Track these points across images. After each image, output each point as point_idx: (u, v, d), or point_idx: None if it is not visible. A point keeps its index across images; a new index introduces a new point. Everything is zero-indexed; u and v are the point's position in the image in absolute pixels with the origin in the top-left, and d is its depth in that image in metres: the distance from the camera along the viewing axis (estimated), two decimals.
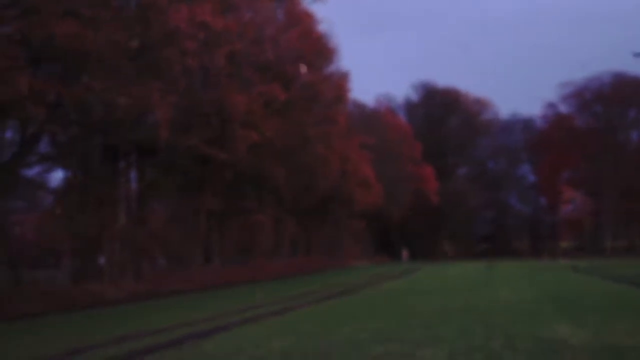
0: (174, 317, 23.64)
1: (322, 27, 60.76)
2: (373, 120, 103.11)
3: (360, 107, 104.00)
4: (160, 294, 37.64)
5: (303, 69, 52.90)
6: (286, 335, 17.15)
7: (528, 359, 13.03)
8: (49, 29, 27.43)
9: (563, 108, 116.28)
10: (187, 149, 42.65)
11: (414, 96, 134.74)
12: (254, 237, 62.12)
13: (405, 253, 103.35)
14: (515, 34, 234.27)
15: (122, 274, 41.12)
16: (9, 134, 36.62)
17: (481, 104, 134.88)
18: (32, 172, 40.91)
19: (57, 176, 59.36)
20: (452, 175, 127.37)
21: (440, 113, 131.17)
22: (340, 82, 65.42)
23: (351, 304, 28.27)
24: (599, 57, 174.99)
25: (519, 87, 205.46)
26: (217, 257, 54.45)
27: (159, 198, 53.37)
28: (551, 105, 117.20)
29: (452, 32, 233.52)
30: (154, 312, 27.58)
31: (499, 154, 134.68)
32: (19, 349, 17.16)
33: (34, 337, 20.33)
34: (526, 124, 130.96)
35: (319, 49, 59.70)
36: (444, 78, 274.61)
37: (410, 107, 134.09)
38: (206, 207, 50.25)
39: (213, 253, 54.44)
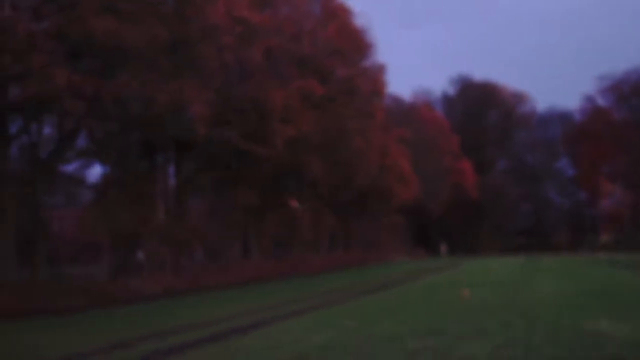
0: (213, 312, 23.70)
1: (358, 22, 60.60)
2: (410, 114, 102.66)
3: (397, 101, 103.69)
4: (199, 289, 37.70)
5: None
6: (326, 330, 17.08)
7: (569, 353, 12.91)
8: (87, 25, 27.56)
9: (601, 101, 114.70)
10: (224, 144, 42.62)
11: (451, 90, 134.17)
12: (292, 231, 62.05)
13: (443, 247, 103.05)
14: (551, 28, 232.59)
15: (160, 269, 41.22)
16: (47, 130, 36.86)
17: (518, 97, 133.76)
18: (70, 167, 41.20)
19: (95, 172, 59.70)
20: (490, 169, 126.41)
21: (478, 107, 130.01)
22: (377, 76, 65.23)
23: (391, 298, 28.15)
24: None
25: (555, 80, 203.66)
26: (255, 252, 54.47)
27: (196, 193, 53.39)
28: (589, 99, 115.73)
29: (489, 26, 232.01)
30: (193, 307, 27.62)
31: (537, 147, 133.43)
32: (62, 343, 17.22)
33: (75, 332, 20.40)
34: (564, 117, 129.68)
35: (355, 44, 59.49)
36: (481, 71, 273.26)
37: (447, 101, 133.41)
38: (244, 202, 50.20)
39: (251, 247, 54.47)
